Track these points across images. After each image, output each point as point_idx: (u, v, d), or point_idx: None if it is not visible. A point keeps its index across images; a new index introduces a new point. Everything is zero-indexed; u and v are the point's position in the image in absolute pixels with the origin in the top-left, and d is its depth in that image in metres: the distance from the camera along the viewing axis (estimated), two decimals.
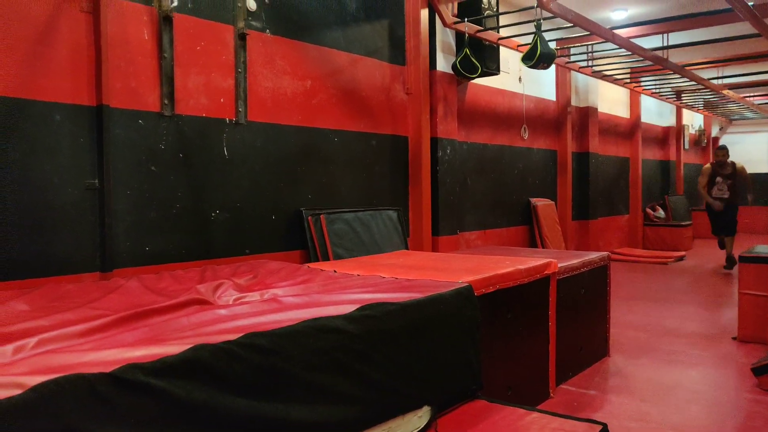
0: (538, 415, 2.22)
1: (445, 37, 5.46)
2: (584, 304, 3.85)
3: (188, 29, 3.44)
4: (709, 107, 11.97)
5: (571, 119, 7.88)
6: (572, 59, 7.25)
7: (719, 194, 8.02)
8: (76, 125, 2.98)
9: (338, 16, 4.42)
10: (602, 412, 3.16)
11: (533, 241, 7.08)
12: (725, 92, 8.97)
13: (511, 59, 6.46)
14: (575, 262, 3.72)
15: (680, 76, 7.54)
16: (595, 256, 4.01)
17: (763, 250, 4.72)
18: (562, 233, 7.53)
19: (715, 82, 8.57)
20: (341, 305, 2.03)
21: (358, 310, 1.98)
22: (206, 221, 3.54)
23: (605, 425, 2.12)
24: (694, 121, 13.62)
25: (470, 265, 3.18)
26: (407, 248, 4.70)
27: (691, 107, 11.58)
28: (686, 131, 12.80)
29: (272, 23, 3.91)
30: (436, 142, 5.28)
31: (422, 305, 2.21)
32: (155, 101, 3.30)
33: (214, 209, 3.58)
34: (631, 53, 6.27)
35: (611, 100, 9.46)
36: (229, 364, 1.55)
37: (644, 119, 10.64)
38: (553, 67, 6.99)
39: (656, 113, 11.55)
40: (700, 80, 7.87)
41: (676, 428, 2.94)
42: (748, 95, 10.27)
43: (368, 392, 1.91)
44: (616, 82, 8.31)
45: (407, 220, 5.03)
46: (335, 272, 2.95)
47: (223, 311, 2.03)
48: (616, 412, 3.15)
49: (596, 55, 7.21)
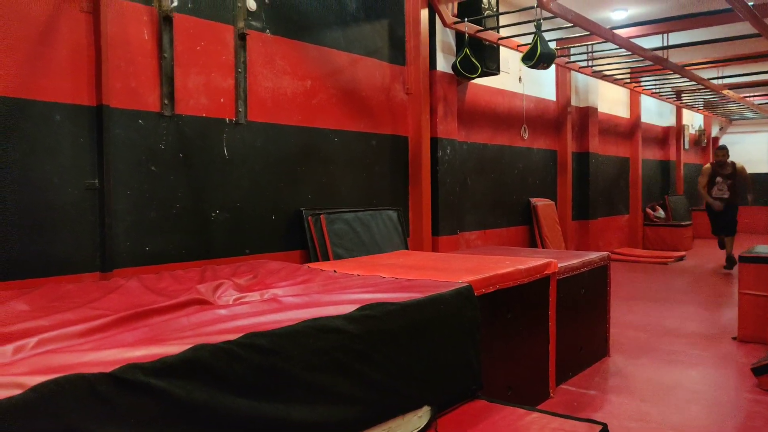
0: (538, 415, 2.22)
1: (445, 37, 5.46)
2: (584, 304, 3.85)
3: (188, 29, 3.44)
4: (709, 107, 11.97)
5: (571, 119, 7.88)
6: (572, 59, 7.25)
7: (719, 194, 7.97)
8: (76, 125, 2.98)
9: (338, 16, 4.42)
10: (602, 412, 3.16)
11: (533, 241, 7.08)
12: (725, 92, 8.97)
13: (511, 59, 6.46)
14: (575, 262, 3.72)
15: (680, 76, 7.54)
16: (595, 256, 4.01)
17: (763, 250, 4.72)
18: (562, 233, 7.53)
19: (715, 82, 8.57)
20: (341, 305, 2.03)
21: (358, 310, 1.98)
22: (206, 221, 3.55)
23: (605, 425, 2.12)
24: (694, 121, 13.63)
25: (470, 265, 3.18)
26: (407, 248, 4.70)
27: (691, 107, 11.58)
28: (686, 131, 12.80)
29: (272, 23, 3.91)
30: (436, 142, 5.28)
31: (422, 305, 2.21)
32: (155, 101, 3.30)
33: (214, 209, 3.58)
34: (631, 53, 6.27)
35: (611, 100, 9.47)
36: (229, 364, 1.55)
37: (644, 119, 10.64)
38: (553, 67, 6.99)
39: (656, 113, 11.55)
40: (700, 80, 7.87)
41: (676, 428, 2.94)
42: (748, 95, 10.27)
43: (368, 392, 1.91)
44: (616, 82, 8.31)
45: (407, 220, 5.03)
46: (335, 272, 2.95)
47: (223, 311, 2.03)
48: (616, 412, 3.15)
49: (596, 55, 7.21)
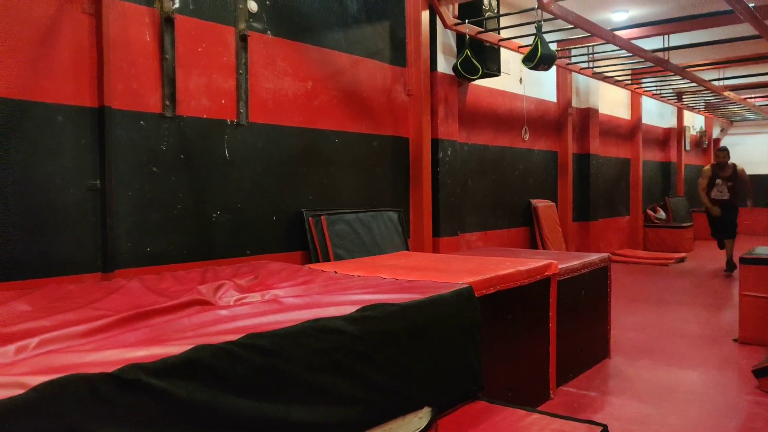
0: (538, 416, 2.22)
1: (445, 38, 5.47)
2: (585, 305, 3.85)
3: (190, 31, 3.45)
4: (710, 109, 11.97)
5: (571, 120, 7.88)
6: (573, 60, 7.25)
7: (719, 195, 7.86)
8: (78, 126, 2.99)
9: (339, 17, 4.43)
10: (602, 413, 3.16)
11: (534, 242, 7.09)
12: (726, 94, 8.97)
13: (511, 60, 6.47)
14: (576, 263, 3.72)
15: (681, 77, 7.54)
16: (595, 257, 4.01)
17: (763, 251, 4.72)
18: (562, 234, 7.53)
19: (716, 83, 8.56)
20: (342, 306, 2.04)
21: (358, 311, 1.98)
22: (207, 222, 3.55)
23: (605, 426, 2.12)
24: (695, 122, 13.62)
25: (471, 266, 3.19)
26: (408, 249, 4.71)
27: (692, 109, 11.57)
28: (687, 133, 12.80)
29: (273, 25, 3.92)
30: (436, 143, 5.28)
31: (423, 306, 2.21)
32: (157, 102, 3.30)
33: (215, 210, 3.59)
34: (631, 55, 6.28)
35: (612, 101, 9.47)
36: (230, 364, 1.55)
37: (645, 120, 10.65)
38: (553, 68, 6.98)
39: (657, 114, 11.55)
40: (701, 82, 7.87)
41: (676, 430, 2.94)
42: (749, 97, 10.27)
43: (369, 393, 1.91)
44: (616, 83, 8.31)
45: (408, 221, 5.03)
46: (336, 273, 2.95)
47: (224, 312, 2.04)
48: (616, 413, 3.15)
49: (597, 56, 7.22)
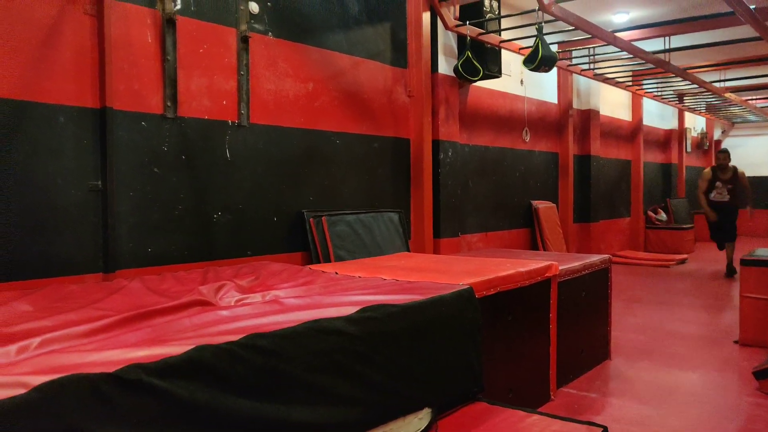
0: (538, 417, 2.23)
1: (446, 40, 5.47)
2: (585, 306, 3.86)
3: (191, 32, 3.46)
4: (711, 110, 11.97)
5: (572, 122, 7.89)
6: (574, 62, 7.26)
7: (719, 197, 7.77)
8: (79, 127, 3.00)
9: (340, 19, 4.44)
10: (603, 414, 3.16)
11: (534, 243, 7.09)
12: (727, 95, 8.97)
13: (512, 62, 6.47)
14: (576, 264, 3.73)
15: (682, 79, 7.54)
16: (596, 258, 4.01)
17: (763, 253, 4.71)
18: (563, 236, 7.54)
19: (717, 85, 8.56)
20: (342, 307, 2.04)
21: (359, 311, 1.99)
22: (208, 223, 3.56)
23: (606, 428, 2.12)
24: (696, 124, 13.62)
25: (471, 267, 3.19)
26: (408, 250, 4.71)
27: (693, 110, 11.57)
28: (688, 134, 12.80)
29: (275, 26, 3.93)
30: (437, 144, 5.29)
31: (423, 307, 2.22)
32: (158, 103, 3.31)
33: (216, 211, 3.60)
34: (632, 56, 6.28)
35: (613, 102, 9.47)
36: (230, 364, 1.56)
37: (646, 122, 10.65)
38: (554, 69, 6.99)
39: (658, 116, 11.55)
40: (702, 83, 7.87)
41: (676, 431, 2.94)
42: (750, 98, 10.27)
43: (369, 394, 1.91)
44: (617, 85, 8.31)
45: (409, 222, 5.03)
46: (336, 274, 2.95)
47: (225, 312, 2.04)
48: (616, 415, 3.15)
49: (598, 58, 7.22)
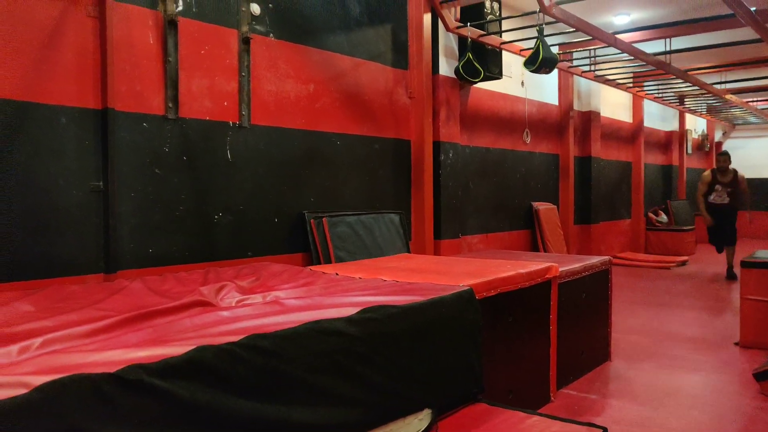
0: (538, 418, 2.23)
1: (447, 41, 5.48)
2: (585, 308, 3.86)
3: (193, 33, 3.47)
4: (712, 112, 11.96)
5: (573, 123, 7.89)
6: (575, 63, 7.26)
7: (718, 200, 7.69)
8: (81, 128, 3.00)
9: (342, 20, 4.45)
10: (603, 416, 3.16)
11: (535, 245, 7.09)
12: (728, 97, 8.97)
13: (513, 64, 6.48)
14: (577, 266, 3.73)
15: (683, 80, 7.55)
16: (596, 260, 4.02)
17: (764, 255, 4.70)
18: (564, 237, 7.54)
19: (717, 86, 8.56)
20: (343, 308, 2.04)
21: (359, 312, 1.99)
22: (209, 223, 3.56)
23: (605, 429, 2.12)
24: (697, 125, 13.62)
25: (472, 268, 3.19)
26: (409, 251, 4.72)
27: (693, 112, 11.57)
28: (689, 136, 12.79)
29: (276, 27, 3.94)
30: (438, 145, 5.29)
31: (424, 308, 2.22)
32: (160, 104, 3.32)
33: (217, 212, 3.60)
34: (633, 58, 6.29)
35: (614, 104, 9.47)
36: (231, 365, 1.56)
37: (647, 123, 10.65)
38: (555, 71, 7.00)
39: (659, 117, 11.55)
40: (702, 85, 7.88)
41: None
42: (751, 100, 10.27)
43: (369, 394, 1.92)
44: (618, 86, 8.32)
45: (409, 223, 5.04)
46: (337, 275, 2.96)
47: (225, 313, 2.04)
48: (616, 416, 3.15)
49: (599, 59, 7.23)
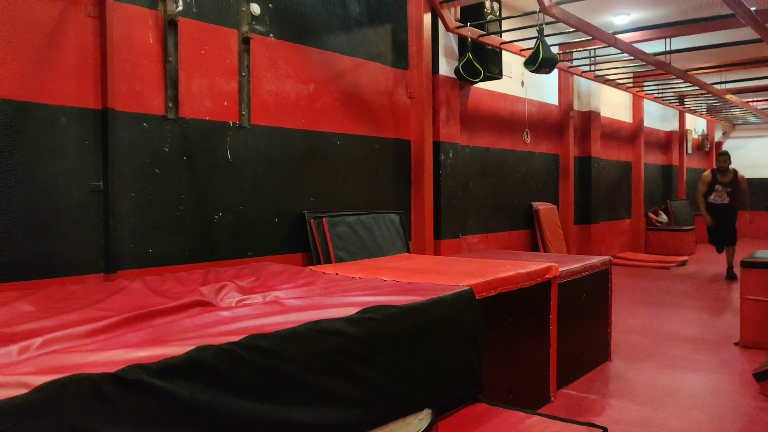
0: (538, 418, 2.23)
1: (447, 41, 5.48)
2: (585, 308, 3.86)
3: (193, 33, 3.47)
4: (712, 112, 11.97)
5: (573, 123, 7.89)
6: (575, 63, 7.26)
7: (718, 200, 7.68)
8: (81, 128, 3.00)
9: (342, 20, 4.45)
10: (603, 416, 3.16)
11: (535, 245, 7.09)
12: (728, 97, 8.97)
13: (513, 63, 6.48)
14: (576, 266, 3.73)
15: (683, 80, 7.55)
16: (596, 260, 4.02)
17: (764, 255, 4.70)
18: (564, 237, 7.54)
19: (717, 86, 8.57)
20: (343, 308, 2.04)
21: (359, 312, 1.99)
22: (209, 224, 3.56)
23: (605, 429, 2.12)
24: (697, 125, 13.62)
25: (472, 268, 3.19)
26: (409, 251, 4.72)
27: (693, 112, 11.57)
28: (689, 136, 12.79)
29: (276, 27, 3.94)
30: (438, 145, 5.29)
31: (424, 308, 2.22)
32: (160, 104, 3.32)
33: (217, 212, 3.60)
34: (633, 58, 6.29)
35: (614, 104, 9.47)
36: (231, 365, 1.56)
37: (647, 123, 10.65)
38: (555, 71, 7.00)
39: (659, 117, 11.55)
40: (702, 85, 7.88)
41: None
42: (751, 100, 10.27)
43: (369, 394, 1.92)
44: (618, 86, 8.32)
45: (409, 223, 5.04)
46: (337, 275, 2.96)
47: (225, 313, 2.05)
48: (616, 416, 3.16)
49: (599, 59, 7.23)
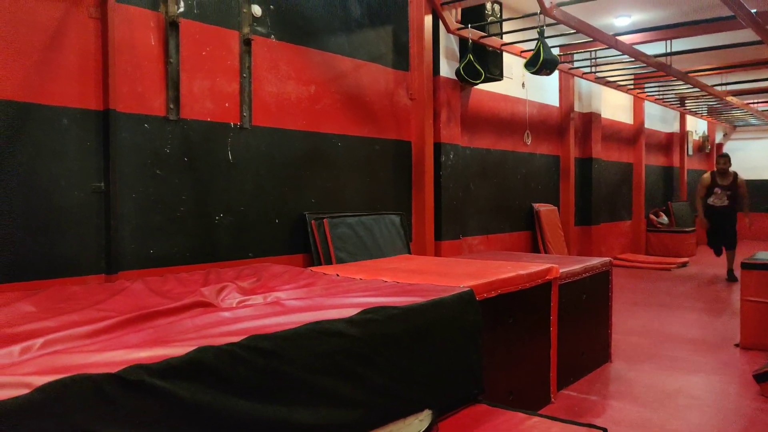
0: (538, 419, 2.23)
1: (448, 43, 5.49)
2: (586, 309, 3.86)
3: (194, 35, 3.48)
4: (712, 113, 11.96)
5: (574, 125, 7.89)
6: (575, 65, 7.27)
7: (717, 202, 7.65)
8: (83, 129, 3.01)
9: (343, 21, 4.46)
10: (603, 417, 3.17)
11: (536, 246, 7.09)
12: (729, 99, 8.97)
13: (514, 65, 6.49)
14: (577, 267, 3.73)
15: (683, 82, 7.55)
16: (596, 261, 4.02)
17: (764, 256, 4.71)
18: (564, 239, 7.54)
19: (718, 88, 8.57)
20: (343, 309, 2.05)
21: (360, 313, 1.99)
22: (210, 224, 3.57)
23: (606, 430, 2.12)
24: (697, 127, 13.61)
25: (472, 269, 3.19)
26: (410, 253, 4.72)
27: (694, 113, 11.57)
28: (690, 137, 12.79)
29: (277, 29, 3.95)
30: (439, 147, 5.30)
31: (424, 309, 2.22)
32: (161, 106, 3.33)
33: (218, 213, 3.61)
34: (634, 59, 6.29)
35: (614, 106, 9.48)
36: (232, 366, 1.57)
37: (648, 125, 10.65)
38: (556, 72, 7.01)
39: (660, 119, 11.55)
40: (703, 87, 7.88)
41: None
42: (751, 102, 10.27)
43: (370, 395, 1.92)
44: (619, 88, 8.32)
45: (410, 224, 5.04)
46: (338, 276, 2.96)
47: (226, 314, 2.05)
48: (617, 417, 3.16)
49: (599, 61, 7.23)
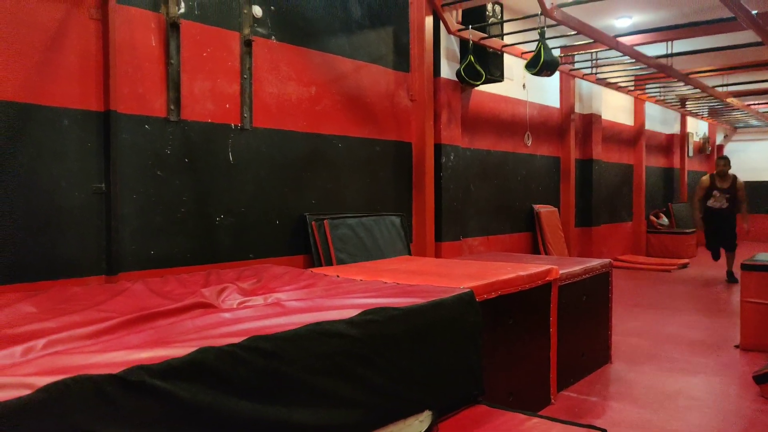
0: (538, 420, 2.24)
1: (449, 44, 5.49)
2: (586, 310, 3.86)
3: (195, 36, 3.48)
4: (713, 115, 11.96)
5: (574, 126, 7.89)
6: (576, 66, 7.27)
7: (716, 204, 7.64)
8: (83, 130, 3.02)
9: (343, 23, 4.46)
10: (603, 418, 3.17)
11: (536, 247, 7.09)
12: (729, 100, 8.97)
13: (515, 66, 6.49)
14: (577, 268, 3.73)
15: (684, 83, 7.55)
16: (596, 262, 4.02)
17: (764, 258, 4.71)
18: (565, 240, 7.54)
19: (719, 89, 8.57)
20: (344, 310, 2.05)
21: (360, 314, 2.00)
22: (211, 225, 3.58)
23: (605, 431, 2.13)
24: (698, 128, 13.61)
25: (472, 270, 3.20)
26: (410, 254, 4.72)
27: (695, 115, 11.57)
28: (690, 139, 12.79)
29: (278, 30, 3.96)
30: (439, 148, 5.30)
31: (424, 310, 2.23)
32: (162, 107, 3.34)
33: (219, 214, 3.62)
34: (635, 61, 6.30)
35: (615, 107, 9.48)
36: (233, 366, 1.57)
37: (648, 126, 10.65)
38: (557, 74, 7.01)
39: (660, 120, 11.55)
40: (704, 88, 7.88)
41: None
42: (752, 103, 10.27)
43: (370, 396, 1.92)
44: (619, 89, 8.32)
45: (410, 225, 5.05)
46: (338, 277, 2.97)
47: (227, 315, 2.05)
48: (617, 418, 3.16)
49: (600, 62, 7.24)
